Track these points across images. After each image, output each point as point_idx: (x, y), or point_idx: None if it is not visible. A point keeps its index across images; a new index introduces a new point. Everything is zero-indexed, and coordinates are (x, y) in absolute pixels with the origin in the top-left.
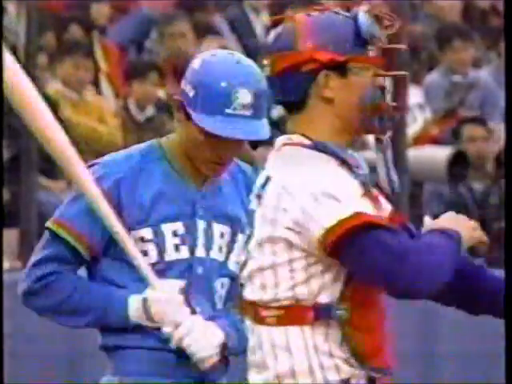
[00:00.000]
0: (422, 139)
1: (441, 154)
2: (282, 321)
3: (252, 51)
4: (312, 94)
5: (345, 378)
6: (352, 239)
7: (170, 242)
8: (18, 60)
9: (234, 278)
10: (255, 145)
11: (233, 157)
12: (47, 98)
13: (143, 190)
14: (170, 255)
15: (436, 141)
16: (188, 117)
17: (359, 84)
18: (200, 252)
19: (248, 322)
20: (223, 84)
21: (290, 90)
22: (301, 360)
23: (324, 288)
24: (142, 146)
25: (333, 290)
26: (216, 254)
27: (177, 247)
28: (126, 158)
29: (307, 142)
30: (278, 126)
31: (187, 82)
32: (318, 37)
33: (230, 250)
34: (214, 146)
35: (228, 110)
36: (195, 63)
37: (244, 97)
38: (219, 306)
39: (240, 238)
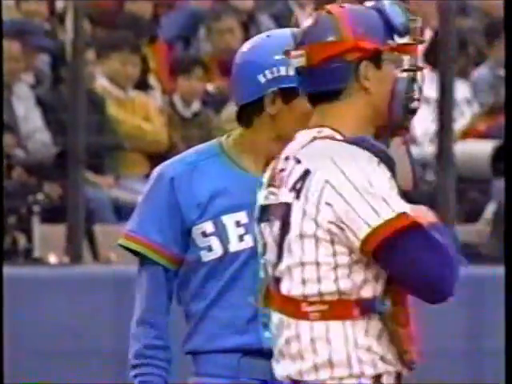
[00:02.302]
0: (469, 134)
1: (484, 149)
2: (325, 316)
3: None
4: (351, 84)
5: (378, 374)
6: (399, 241)
7: (234, 232)
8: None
9: None
10: None
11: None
12: (94, 95)
13: (199, 185)
14: (235, 246)
15: (483, 135)
16: (287, 100)
17: (392, 75)
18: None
19: (279, 316)
20: None
21: (330, 80)
22: (340, 352)
23: (367, 282)
24: (200, 146)
25: (376, 283)
26: None
27: (241, 237)
28: (180, 158)
29: (339, 137)
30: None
31: (280, 66)
32: (359, 27)
33: None
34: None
35: None
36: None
37: None
38: None
39: None
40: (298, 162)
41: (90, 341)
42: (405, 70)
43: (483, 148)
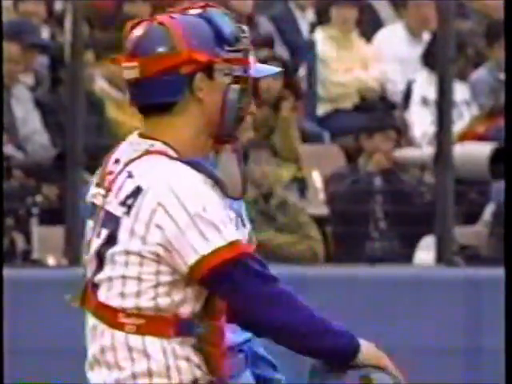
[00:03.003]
0: (468, 136)
1: (483, 151)
2: (141, 330)
3: (296, 48)
4: (186, 96)
5: (195, 378)
6: (228, 270)
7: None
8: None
9: None
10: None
11: None
12: (93, 97)
13: None
14: None
15: (482, 138)
16: None
17: (224, 86)
18: None
19: (94, 320)
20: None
21: (165, 92)
22: (158, 361)
23: (186, 301)
24: None
25: (194, 303)
26: None
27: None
28: None
29: (172, 152)
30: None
31: None
32: (192, 39)
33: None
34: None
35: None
36: None
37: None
38: None
39: (246, 224)
40: (130, 176)
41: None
42: (236, 81)
43: (482, 150)
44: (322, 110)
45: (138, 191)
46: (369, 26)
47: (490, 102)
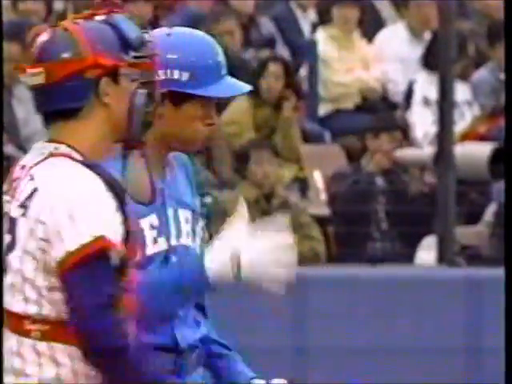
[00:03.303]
0: (469, 136)
1: (484, 151)
2: (47, 336)
3: (297, 49)
4: (91, 101)
5: None
6: (88, 262)
7: (149, 235)
8: None
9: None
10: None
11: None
12: None
13: None
14: (150, 249)
15: (483, 138)
16: (176, 103)
17: (129, 90)
18: (172, 240)
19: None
20: (214, 55)
21: (71, 98)
22: (67, 367)
23: None
24: None
25: None
26: (185, 240)
27: (155, 240)
28: None
29: (77, 155)
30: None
31: (173, 68)
32: (97, 43)
33: (194, 234)
34: (209, 112)
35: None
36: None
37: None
38: None
39: (200, 221)
40: (32, 178)
41: None
42: (142, 85)
43: (483, 150)
44: (323, 110)
45: (34, 192)
46: (370, 26)
47: (492, 102)
